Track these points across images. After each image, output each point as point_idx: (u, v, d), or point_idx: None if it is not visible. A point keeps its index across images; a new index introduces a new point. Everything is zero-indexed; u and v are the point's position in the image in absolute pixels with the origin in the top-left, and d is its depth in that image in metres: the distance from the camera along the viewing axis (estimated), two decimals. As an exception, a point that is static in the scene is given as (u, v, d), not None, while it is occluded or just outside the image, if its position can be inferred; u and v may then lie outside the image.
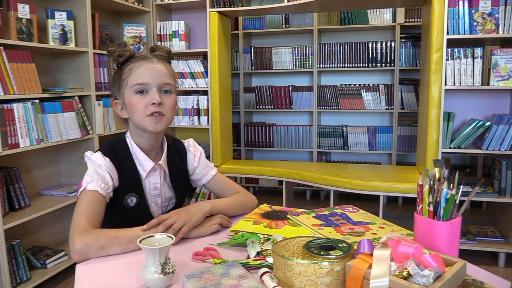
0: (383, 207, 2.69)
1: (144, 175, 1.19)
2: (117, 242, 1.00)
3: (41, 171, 2.65)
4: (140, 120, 1.12)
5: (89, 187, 1.07)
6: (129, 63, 1.15)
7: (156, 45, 1.23)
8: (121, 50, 1.14)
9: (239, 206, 1.30)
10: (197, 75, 3.34)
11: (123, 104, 1.16)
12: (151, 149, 1.21)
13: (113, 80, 1.19)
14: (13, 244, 2.21)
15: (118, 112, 1.19)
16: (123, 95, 1.15)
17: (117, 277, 0.90)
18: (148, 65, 1.13)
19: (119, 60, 1.15)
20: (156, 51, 1.20)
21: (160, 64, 1.15)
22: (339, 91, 3.80)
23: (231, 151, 3.56)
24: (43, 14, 2.51)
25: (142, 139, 1.19)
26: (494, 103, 2.78)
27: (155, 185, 1.22)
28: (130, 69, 1.13)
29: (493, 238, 2.68)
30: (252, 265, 0.91)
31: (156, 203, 1.24)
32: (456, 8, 2.50)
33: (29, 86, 2.25)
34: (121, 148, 1.19)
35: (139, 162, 1.19)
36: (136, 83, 1.11)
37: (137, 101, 1.11)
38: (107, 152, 1.15)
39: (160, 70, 1.14)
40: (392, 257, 0.75)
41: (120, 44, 1.15)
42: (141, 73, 1.11)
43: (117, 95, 1.18)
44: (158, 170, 1.22)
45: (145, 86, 1.12)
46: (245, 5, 3.21)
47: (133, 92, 1.12)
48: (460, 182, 0.84)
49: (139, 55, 1.16)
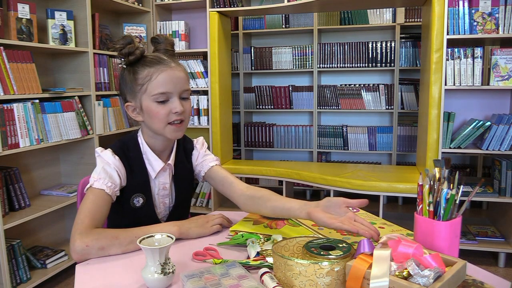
0: (383, 207, 2.69)
1: (153, 175, 1.18)
2: (118, 243, 1.00)
3: (41, 171, 2.65)
4: (161, 128, 1.11)
5: (96, 185, 1.07)
6: (144, 66, 1.10)
7: (159, 35, 1.20)
8: (130, 47, 1.09)
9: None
10: (197, 75, 3.34)
11: (139, 109, 1.13)
12: (163, 149, 1.20)
13: (123, 81, 1.14)
14: (13, 244, 2.21)
15: (130, 114, 1.15)
16: (140, 100, 1.11)
17: (117, 277, 0.90)
18: (169, 73, 1.09)
19: (129, 59, 1.10)
20: (160, 43, 1.17)
21: (179, 70, 1.12)
22: (339, 91, 3.80)
23: (231, 151, 3.56)
24: (43, 14, 2.51)
25: (156, 141, 1.18)
26: (494, 103, 2.78)
27: (164, 185, 1.21)
28: (148, 74, 1.08)
29: (493, 238, 2.68)
30: (252, 265, 0.91)
31: (164, 203, 1.23)
32: (456, 8, 2.50)
33: (29, 86, 2.25)
34: (132, 147, 1.17)
35: (149, 163, 1.18)
36: (158, 92, 1.08)
37: (158, 110, 1.09)
38: (117, 151, 1.14)
39: (180, 77, 1.11)
40: (392, 257, 0.75)
41: (125, 38, 1.10)
42: (162, 81, 1.08)
43: (130, 98, 1.14)
44: (167, 170, 1.22)
45: (167, 95, 1.09)
46: (245, 5, 3.21)
47: (153, 100, 1.09)
48: (460, 182, 0.84)
49: (153, 57, 1.12)
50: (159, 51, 1.17)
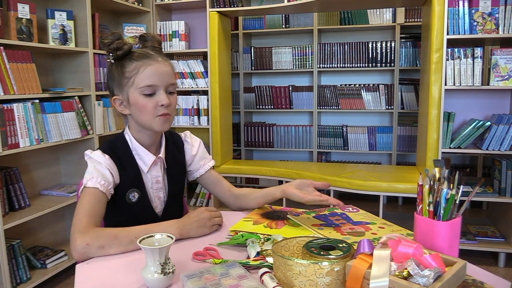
0: (383, 207, 2.69)
1: (145, 170, 1.20)
2: (117, 242, 1.00)
3: (41, 171, 2.65)
4: (148, 120, 1.13)
5: (89, 184, 1.08)
6: (131, 60, 1.13)
7: (147, 33, 1.23)
8: (118, 42, 1.12)
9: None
10: (197, 75, 3.34)
11: (126, 102, 1.15)
12: (152, 143, 1.22)
13: (111, 75, 1.17)
14: (13, 244, 2.21)
15: (117, 107, 1.18)
16: (126, 93, 1.14)
17: (117, 277, 0.90)
18: (155, 66, 1.12)
19: (117, 54, 1.13)
20: (147, 41, 1.19)
21: (166, 65, 1.15)
22: (339, 91, 3.80)
23: (231, 151, 3.56)
24: (43, 14, 2.51)
25: (144, 135, 1.19)
26: (494, 103, 2.78)
27: (157, 178, 1.22)
28: (135, 68, 1.11)
29: (493, 238, 2.68)
30: (252, 265, 0.91)
31: (159, 197, 1.24)
32: (456, 8, 2.50)
33: (29, 86, 2.25)
34: (120, 145, 1.19)
35: (140, 157, 1.19)
36: (144, 84, 1.11)
37: (145, 102, 1.12)
38: (106, 150, 1.16)
39: (167, 71, 1.14)
40: (392, 257, 0.75)
41: (114, 33, 1.13)
42: (149, 74, 1.11)
43: (117, 91, 1.16)
44: (158, 163, 1.23)
45: (154, 88, 1.12)
46: (245, 5, 3.21)
47: (140, 93, 1.12)
48: (460, 182, 0.84)
49: (140, 52, 1.15)
50: (146, 48, 1.19)
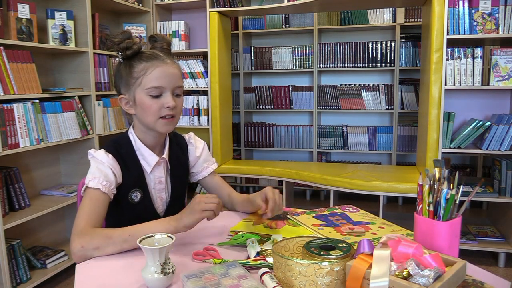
0: (383, 207, 2.69)
1: (149, 170, 1.20)
2: (112, 242, 1.00)
3: (41, 171, 2.65)
4: (152, 121, 1.13)
5: (91, 185, 1.08)
6: (140, 60, 1.12)
7: (156, 33, 1.23)
8: (128, 41, 1.12)
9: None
10: (197, 75, 3.34)
11: (132, 101, 1.15)
12: (156, 144, 1.22)
13: (119, 74, 1.17)
14: (13, 244, 2.21)
15: (123, 106, 1.18)
16: (133, 93, 1.14)
17: (117, 277, 0.90)
18: (163, 68, 1.12)
19: (127, 53, 1.13)
20: (157, 41, 1.19)
21: (174, 67, 1.15)
22: (339, 91, 3.80)
23: (231, 151, 3.56)
24: (43, 14, 2.51)
25: (148, 136, 1.20)
26: (494, 103, 2.78)
27: (160, 179, 1.22)
28: (144, 68, 1.11)
29: (493, 238, 2.68)
30: (252, 265, 0.91)
31: (161, 198, 1.24)
32: (456, 8, 2.50)
33: (29, 86, 2.25)
34: (124, 144, 1.19)
35: (143, 158, 1.19)
36: (152, 86, 1.11)
37: (151, 103, 1.12)
38: (110, 149, 1.16)
39: (174, 74, 1.14)
40: (392, 257, 0.75)
41: (124, 33, 1.13)
42: (157, 76, 1.11)
43: (124, 91, 1.16)
44: (162, 164, 1.23)
45: (161, 90, 1.12)
46: (245, 5, 3.21)
47: (147, 94, 1.12)
48: (460, 182, 0.84)
49: (149, 53, 1.15)
50: (156, 48, 1.19)
